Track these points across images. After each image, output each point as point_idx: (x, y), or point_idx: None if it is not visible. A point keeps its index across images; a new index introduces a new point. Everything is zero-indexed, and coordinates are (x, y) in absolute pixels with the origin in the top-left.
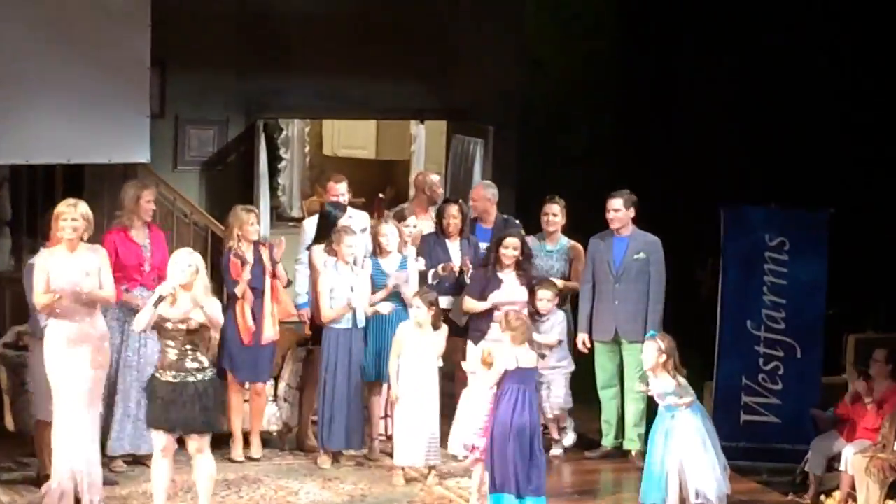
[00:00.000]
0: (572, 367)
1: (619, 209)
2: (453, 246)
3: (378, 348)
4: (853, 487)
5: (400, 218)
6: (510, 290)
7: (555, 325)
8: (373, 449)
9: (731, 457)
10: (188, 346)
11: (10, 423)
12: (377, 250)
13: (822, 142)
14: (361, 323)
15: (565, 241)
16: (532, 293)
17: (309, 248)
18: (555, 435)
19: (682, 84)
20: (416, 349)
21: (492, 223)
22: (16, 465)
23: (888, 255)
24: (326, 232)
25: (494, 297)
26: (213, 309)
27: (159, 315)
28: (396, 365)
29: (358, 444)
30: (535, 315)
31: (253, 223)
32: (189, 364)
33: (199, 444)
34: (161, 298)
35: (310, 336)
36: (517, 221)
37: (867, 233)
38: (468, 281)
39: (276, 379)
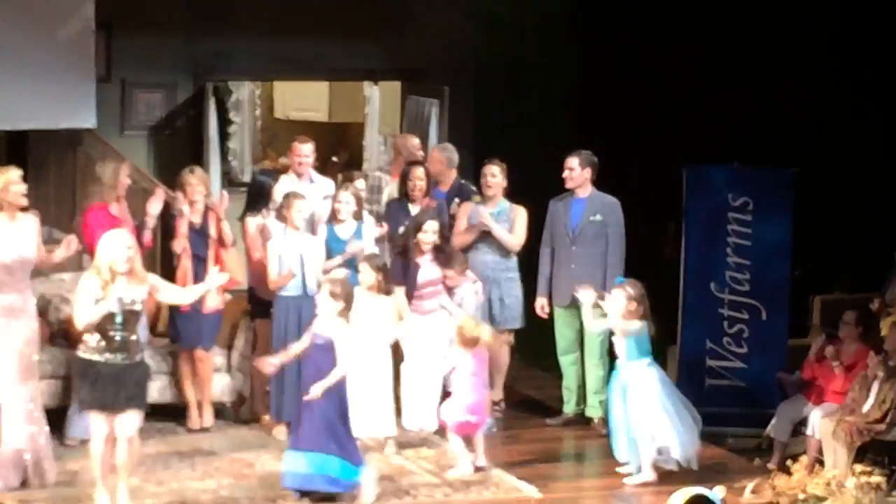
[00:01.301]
0: None
1: (573, 168)
2: (415, 209)
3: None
4: (820, 452)
5: (348, 179)
6: (427, 271)
7: (465, 298)
8: None
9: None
10: (132, 328)
11: None
12: (332, 217)
13: (786, 100)
14: (312, 290)
15: (506, 204)
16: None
17: (241, 220)
18: None
19: (642, 41)
20: (366, 315)
21: (448, 186)
22: None
23: (854, 215)
24: (256, 200)
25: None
26: (173, 294)
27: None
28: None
29: None
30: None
31: (194, 184)
32: (132, 345)
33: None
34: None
35: (250, 310)
36: (473, 187)
37: (833, 192)
38: None
39: (230, 349)
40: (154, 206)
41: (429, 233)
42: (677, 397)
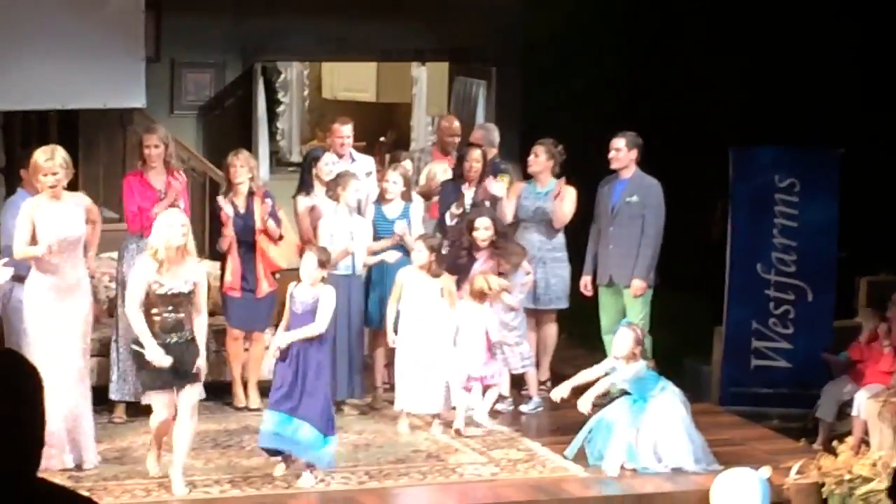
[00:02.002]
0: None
1: (620, 148)
2: (469, 193)
3: (381, 295)
4: (867, 433)
5: (395, 159)
6: (481, 266)
7: (515, 288)
8: (376, 397)
9: (742, 403)
10: (183, 308)
11: None
12: (381, 196)
13: (833, 79)
14: (360, 270)
15: (553, 182)
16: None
17: (294, 199)
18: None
19: (689, 20)
20: (418, 294)
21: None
22: None
23: None
24: (308, 178)
25: None
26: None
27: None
28: (395, 310)
29: (360, 392)
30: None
31: (238, 166)
32: (180, 325)
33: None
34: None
35: None
36: (502, 167)
37: (879, 172)
38: None
39: (276, 327)
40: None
41: (481, 229)
42: (692, 425)
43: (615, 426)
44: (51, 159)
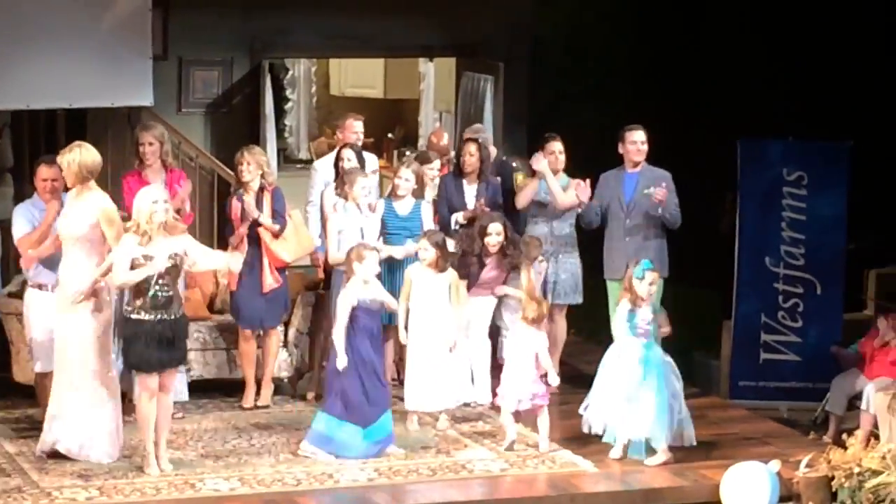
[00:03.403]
0: None
1: (644, 141)
2: (470, 189)
3: (389, 291)
4: (876, 426)
5: (424, 160)
6: (492, 270)
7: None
8: None
9: (751, 396)
10: (174, 283)
11: (18, 373)
12: (393, 193)
13: (841, 73)
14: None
15: (565, 179)
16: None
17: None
18: None
19: (698, 13)
20: (426, 291)
21: (489, 164)
22: (24, 417)
23: None
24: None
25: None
26: (202, 259)
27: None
28: (405, 308)
29: None
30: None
31: (246, 164)
32: (175, 300)
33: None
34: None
35: (321, 280)
36: (513, 164)
37: (888, 165)
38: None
39: (286, 325)
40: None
41: (493, 234)
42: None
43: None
44: (49, 166)
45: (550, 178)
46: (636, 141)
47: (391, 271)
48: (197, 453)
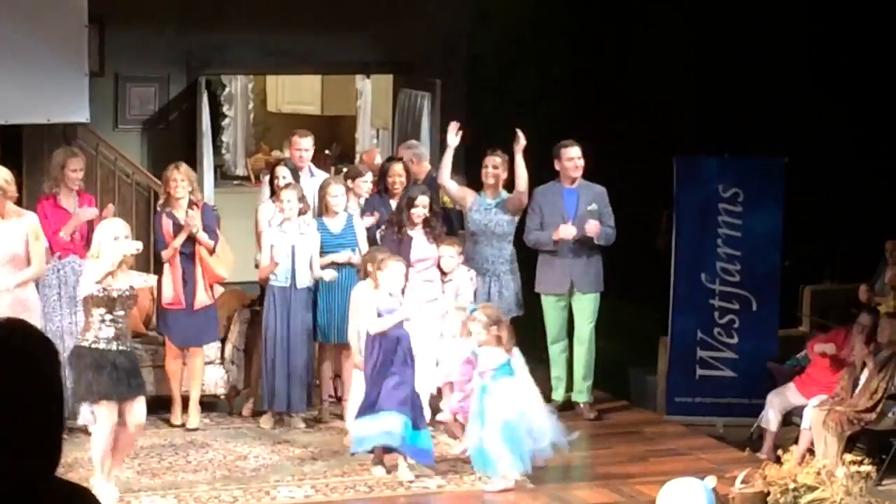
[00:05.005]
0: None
1: (581, 157)
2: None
3: (327, 308)
4: (812, 443)
5: (355, 175)
6: (420, 247)
7: (461, 285)
8: (323, 411)
9: (687, 412)
10: (129, 315)
11: None
12: (324, 209)
13: (776, 90)
14: (302, 283)
15: (505, 194)
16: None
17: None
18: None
19: (634, 30)
20: (366, 308)
21: (422, 180)
22: None
23: (844, 205)
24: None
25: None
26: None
27: (106, 286)
28: (356, 329)
29: (303, 405)
30: (442, 276)
31: (178, 180)
32: (127, 332)
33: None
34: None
35: (257, 297)
36: (457, 176)
37: (822, 182)
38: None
39: (223, 341)
40: (86, 213)
41: (419, 207)
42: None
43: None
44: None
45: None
46: (573, 157)
47: (329, 287)
48: (133, 471)
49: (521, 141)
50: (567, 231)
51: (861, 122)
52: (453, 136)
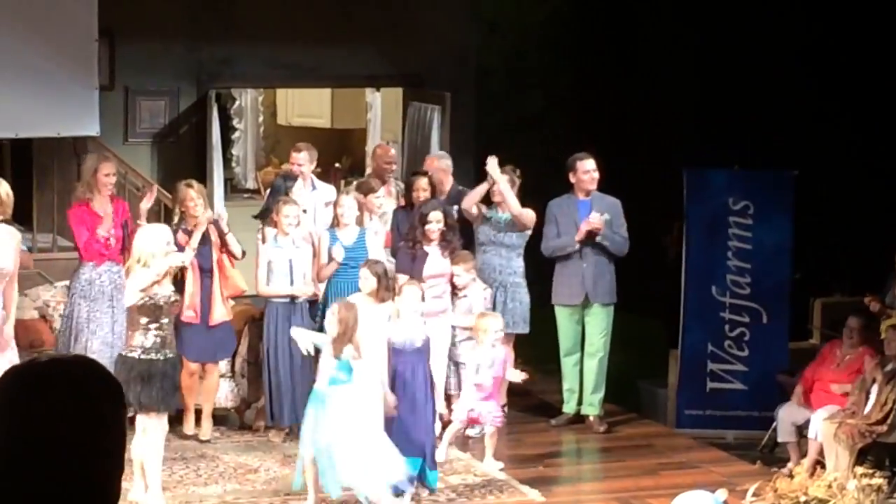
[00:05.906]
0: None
1: (596, 169)
2: None
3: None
4: (821, 454)
5: (367, 190)
6: (434, 263)
7: (474, 302)
8: None
9: (698, 425)
10: (169, 322)
11: None
12: (335, 222)
13: (786, 102)
14: (302, 297)
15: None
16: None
17: (262, 226)
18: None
19: (643, 43)
20: (366, 321)
21: (446, 194)
22: None
23: (854, 217)
24: (271, 204)
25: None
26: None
27: (152, 294)
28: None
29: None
30: (454, 291)
31: (193, 198)
32: (170, 340)
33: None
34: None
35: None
36: (464, 189)
37: (832, 195)
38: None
39: (233, 356)
40: (145, 204)
41: (433, 223)
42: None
43: None
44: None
45: (505, 186)
46: (588, 170)
47: (331, 301)
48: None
49: (493, 176)
50: (595, 217)
51: (871, 133)
52: (497, 171)
